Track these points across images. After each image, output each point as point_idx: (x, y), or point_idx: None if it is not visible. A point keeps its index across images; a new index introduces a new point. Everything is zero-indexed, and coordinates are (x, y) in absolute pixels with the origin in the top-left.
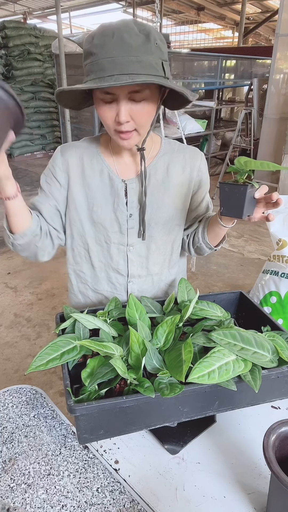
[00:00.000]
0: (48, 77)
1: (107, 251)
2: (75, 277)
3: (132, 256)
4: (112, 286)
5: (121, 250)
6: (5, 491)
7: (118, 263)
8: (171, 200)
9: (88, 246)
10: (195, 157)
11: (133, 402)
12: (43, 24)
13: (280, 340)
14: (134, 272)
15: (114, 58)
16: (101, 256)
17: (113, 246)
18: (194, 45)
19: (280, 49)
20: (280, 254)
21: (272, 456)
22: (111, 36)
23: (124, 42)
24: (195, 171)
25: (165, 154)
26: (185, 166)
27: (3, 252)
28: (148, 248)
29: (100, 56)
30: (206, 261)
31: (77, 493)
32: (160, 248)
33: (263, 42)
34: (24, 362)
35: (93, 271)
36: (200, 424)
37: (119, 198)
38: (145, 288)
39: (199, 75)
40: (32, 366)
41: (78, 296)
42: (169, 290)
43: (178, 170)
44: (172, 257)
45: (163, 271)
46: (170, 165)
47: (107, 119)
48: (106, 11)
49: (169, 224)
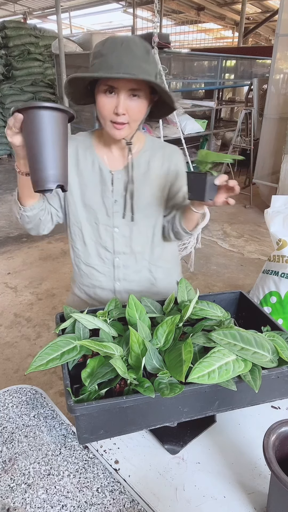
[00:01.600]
0: (48, 77)
1: (97, 230)
2: (72, 252)
3: (117, 236)
4: (101, 261)
5: (108, 231)
6: (5, 491)
7: (106, 241)
8: (150, 190)
9: (81, 225)
10: (172, 153)
11: (133, 402)
12: (43, 24)
13: (280, 340)
14: (119, 250)
15: (122, 60)
16: (92, 234)
17: (101, 227)
18: (194, 45)
19: (280, 49)
20: (280, 254)
21: (272, 456)
22: (120, 44)
23: (131, 50)
24: (172, 166)
25: (147, 150)
26: (163, 161)
27: (3, 252)
28: (131, 230)
29: (110, 58)
30: (206, 261)
31: (77, 493)
32: (142, 230)
33: (263, 42)
34: (24, 362)
35: (85, 247)
36: (200, 424)
37: (106, 186)
38: (129, 264)
39: (199, 75)
40: (32, 366)
41: (75, 268)
42: (151, 268)
43: (157, 164)
44: (154, 239)
45: (145, 251)
46: (151, 160)
47: (106, 109)
48: (106, 11)
49: (149, 210)
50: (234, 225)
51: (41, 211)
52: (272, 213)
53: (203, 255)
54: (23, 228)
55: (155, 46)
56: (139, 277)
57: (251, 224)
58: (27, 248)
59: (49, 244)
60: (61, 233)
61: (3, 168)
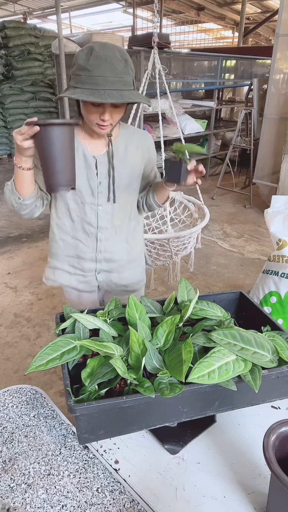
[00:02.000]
0: (48, 77)
1: (83, 209)
2: (57, 228)
3: (101, 213)
4: (85, 235)
5: (93, 209)
6: (5, 491)
7: (91, 218)
8: (129, 171)
9: (68, 205)
10: (145, 138)
11: (133, 402)
12: (43, 24)
13: (280, 340)
14: (102, 225)
15: (106, 77)
16: (78, 212)
17: (87, 205)
18: (194, 45)
19: (280, 49)
20: (280, 254)
21: (272, 456)
22: (104, 61)
23: (113, 67)
24: (146, 149)
25: (123, 136)
26: (138, 145)
27: (3, 252)
28: (113, 207)
29: (95, 74)
30: (206, 261)
31: (77, 493)
32: (121, 207)
33: (263, 42)
34: (24, 362)
35: (72, 224)
36: (200, 424)
37: (91, 170)
38: (109, 237)
39: (199, 75)
40: (32, 366)
41: (59, 243)
42: (128, 238)
43: (133, 148)
44: (131, 214)
45: (124, 224)
46: (128, 144)
47: (92, 117)
48: (106, 11)
49: (128, 189)
50: (234, 225)
51: (37, 199)
52: (272, 213)
53: (203, 255)
54: (17, 215)
55: (155, 46)
56: (117, 247)
57: (251, 224)
58: (27, 248)
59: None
60: None
61: (3, 168)
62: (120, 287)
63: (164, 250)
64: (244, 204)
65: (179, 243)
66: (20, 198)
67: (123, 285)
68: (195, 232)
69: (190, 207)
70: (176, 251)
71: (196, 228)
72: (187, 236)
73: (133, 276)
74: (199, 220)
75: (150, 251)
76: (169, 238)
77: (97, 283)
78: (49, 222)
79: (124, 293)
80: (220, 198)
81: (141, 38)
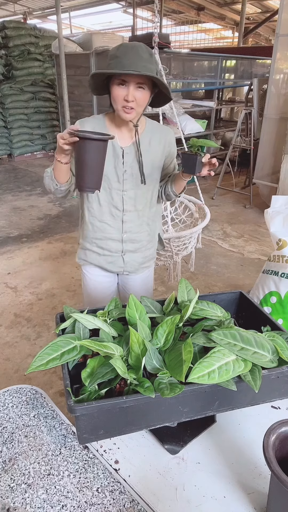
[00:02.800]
0: (48, 77)
1: (110, 194)
2: (87, 211)
3: (125, 198)
4: (112, 218)
5: (118, 194)
6: (5, 491)
7: (117, 202)
8: (151, 162)
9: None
10: (167, 133)
11: (133, 402)
12: (43, 24)
13: (280, 340)
14: (127, 208)
15: (132, 61)
16: (106, 197)
17: (114, 191)
18: (194, 45)
19: (280, 49)
20: (280, 254)
21: (272, 456)
22: (131, 49)
23: (139, 54)
24: (167, 143)
25: (148, 131)
26: (160, 139)
27: (3, 252)
28: (136, 193)
29: (123, 59)
30: (206, 261)
31: (77, 493)
32: (144, 193)
33: (263, 42)
34: (24, 362)
35: (100, 207)
36: (200, 424)
37: (118, 159)
38: (133, 219)
39: (199, 75)
40: (32, 366)
41: (89, 226)
42: (149, 222)
43: (156, 141)
44: (152, 200)
45: (145, 209)
46: (152, 138)
47: (119, 97)
48: (106, 11)
49: (150, 177)
50: (234, 225)
51: (72, 185)
52: (272, 213)
53: (203, 255)
54: (54, 196)
55: (155, 46)
56: (140, 229)
57: (251, 224)
58: (27, 248)
59: (49, 244)
60: (61, 233)
61: (3, 168)
62: (141, 265)
63: (165, 250)
64: (244, 204)
65: (180, 243)
66: (57, 184)
67: (143, 262)
68: (196, 232)
69: (191, 207)
70: (177, 251)
71: (197, 228)
72: (188, 236)
73: (150, 253)
74: (199, 220)
75: None
76: (170, 238)
77: (123, 264)
78: (49, 222)
79: (143, 269)
80: (220, 198)
81: (141, 38)
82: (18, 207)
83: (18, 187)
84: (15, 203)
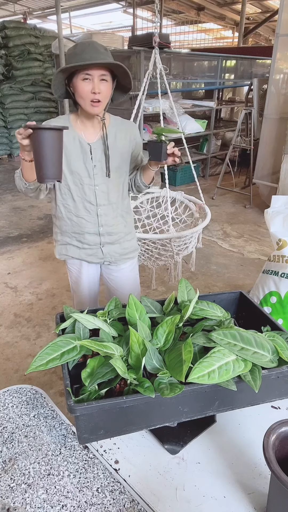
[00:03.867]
0: (48, 77)
1: (82, 189)
2: (63, 208)
3: (98, 192)
4: (87, 212)
5: (90, 189)
6: (5, 491)
7: (90, 197)
8: (119, 155)
9: (69, 187)
10: (132, 128)
11: (133, 402)
12: (43, 24)
13: (280, 340)
14: (100, 202)
15: (91, 55)
16: (78, 193)
17: (85, 186)
18: (194, 45)
19: (280, 49)
20: (280, 254)
21: (272, 456)
22: (87, 45)
23: (96, 48)
24: (133, 136)
25: (113, 125)
26: (126, 133)
27: (3, 252)
28: (108, 186)
29: (83, 54)
30: (206, 261)
31: (77, 493)
32: (115, 186)
33: (263, 42)
34: (24, 362)
35: (74, 203)
36: (200, 424)
37: (86, 155)
38: (108, 212)
39: (199, 75)
40: (32, 366)
41: (67, 221)
42: (123, 214)
43: (122, 135)
44: (123, 193)
45: (119, 201)
46: (117, 132)
47: (85, 92)
48: (106, 11)
49: (119, 170)
50: (234, 225)
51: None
52: (272, 213)
53: (203, 255)
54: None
55: (155, 46)
56: (115, 221)
57: (251, 224)
58: (27, 248)
59: (49, 244)
60: None
61: (3, 168)
62: (122, 256)
63: (165, 250)
64: (244, 204)
65: (181, 243)
66: (26, 183)
67: (124, 253)
68: (196, 231)
69: (191, 206)
70: (177, 250)
71: (198, 227)
72: (189, 235)
73: (131, 245)
74: (200, 220)
75: (151, 251)
76: (171, 238)
77: (103, 255)
78: (49, 222)
79: (125, 260)
80: (220, 198)
81: (141, 38)
82: (18, 207)
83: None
84: (15, 203)
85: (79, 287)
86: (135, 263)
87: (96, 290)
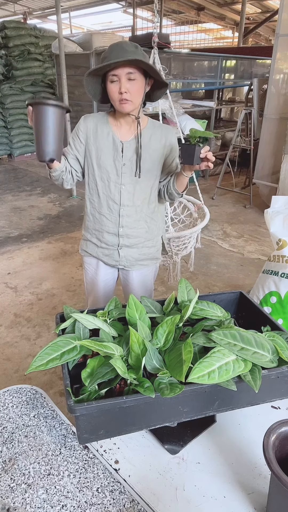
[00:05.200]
0: (48, 77)
1: (108, 186)
2: (89, 203)
3: (123, 191)
4: (109, 210)
5: (116, 187)
6: (5, 491)
7: (114, 195)
8: (150, 158)
9: (96, 182)
10: (168, 132)
11: (133, 402)
12: (43, 24)
13: (280, 340)
14: (124, 202)
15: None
16: (104, 189)
17: (112, 184)
18: (194, 45)
19: (280, 49)
20: (280, 254)
21: (272, 456)
22: (116, 46)
23: (123, 48)
24: (168, 142)
25: (149, 128)
26: (161, 137)
27: (3, 252)
28: (134, 187)
29: (109, 55)
30: (206, 261)
31: (77, 493)
32: (142, 189)
33: (263, 42)
34: (24, 362)
35: (99, 199)
36: (200, 424)
37: (118, 153)
38: (130, 214)
39: (199, 75)
40: (32, 366)
41: (90, 217)
42: (147, 219)
43: (156, 139)
44: (151, 197)
45: (144, 205)
46: (152, 135)
47: (114, 92)
48: (106, 11)
49: (149, 173)
50: (234, 225)
51: (62, 172)
52: (272, 213)
53: (203, 255)
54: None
55: (155, 46)
56: (137, 224)
57: (251, 224)
58: (27, 248)
59: (49, 244)
60: (61, 233)
61: (3, 168)
62: (137, 261)
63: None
64: (244, 204)
65: (180, 243)
66: (48, 170)
67: (140, 259)
68: (195, 231)
69: (190, 206)
70: (176, 250)
71: (197, 227)
72: (188, 235)
73: (149, 253)
74: (199, 220)
75: None
76: (170, 238)
77: (119, 257)
78: (49, 222)
79: (140, 267)
80: (220, 198)
81: (141, 38)
82: (18, 207)
83: (18, 187)
84: (15, 203)
85: (95, 286)
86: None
87: (111, 294)
